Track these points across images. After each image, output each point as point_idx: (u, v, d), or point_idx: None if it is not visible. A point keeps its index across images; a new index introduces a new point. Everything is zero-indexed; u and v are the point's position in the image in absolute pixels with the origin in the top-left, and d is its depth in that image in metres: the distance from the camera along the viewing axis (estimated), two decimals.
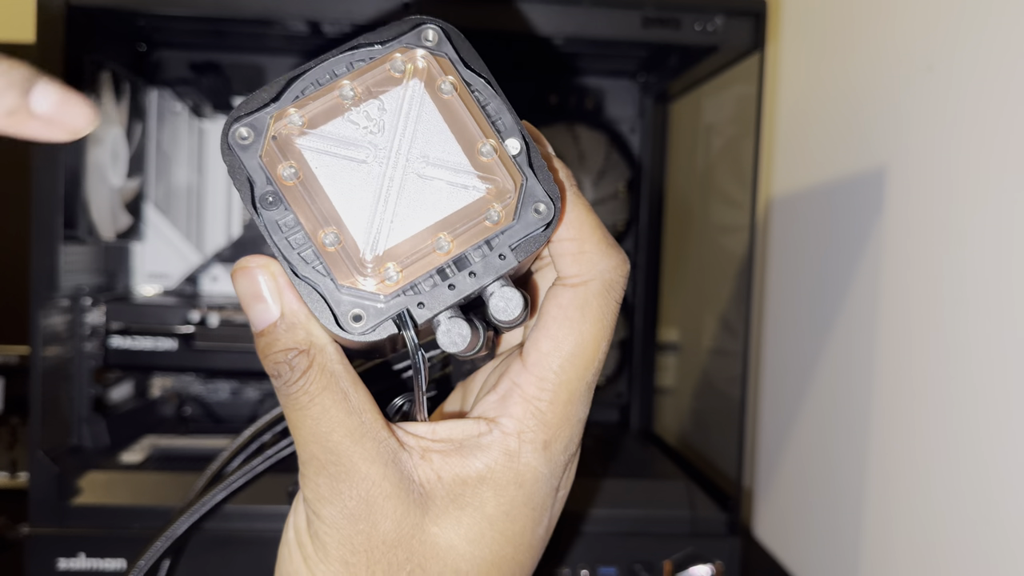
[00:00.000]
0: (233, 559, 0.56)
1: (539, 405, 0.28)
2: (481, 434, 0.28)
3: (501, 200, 0.26)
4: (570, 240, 0.28)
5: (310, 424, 0.26)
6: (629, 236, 0.82)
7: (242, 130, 0.26)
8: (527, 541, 0.29)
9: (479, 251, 0.26)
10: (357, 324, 0.26)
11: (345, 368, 0.27)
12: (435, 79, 0.26)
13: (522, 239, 0.26)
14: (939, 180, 0.54)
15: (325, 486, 0.27)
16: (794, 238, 0.76)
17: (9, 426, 0.80)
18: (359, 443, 0.26)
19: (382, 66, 0.26)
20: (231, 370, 0.69)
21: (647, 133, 0.81)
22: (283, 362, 0.26)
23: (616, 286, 0.28)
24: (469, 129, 0.26)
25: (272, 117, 0.26)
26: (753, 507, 0.82)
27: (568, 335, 0.28)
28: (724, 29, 0.61)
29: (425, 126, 0.26)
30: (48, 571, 0.56)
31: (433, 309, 0.26)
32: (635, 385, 0.82)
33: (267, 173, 0.26)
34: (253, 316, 0.27)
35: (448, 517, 0.27)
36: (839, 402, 0.66)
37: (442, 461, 0.27)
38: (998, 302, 0.48)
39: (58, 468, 0.57)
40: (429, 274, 0.26)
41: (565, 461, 0.29)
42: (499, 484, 0.28)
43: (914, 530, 0.55)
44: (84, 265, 0.67)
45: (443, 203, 0.26)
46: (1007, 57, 0.48)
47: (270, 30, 0.67)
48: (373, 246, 0.26)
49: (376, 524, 0.27)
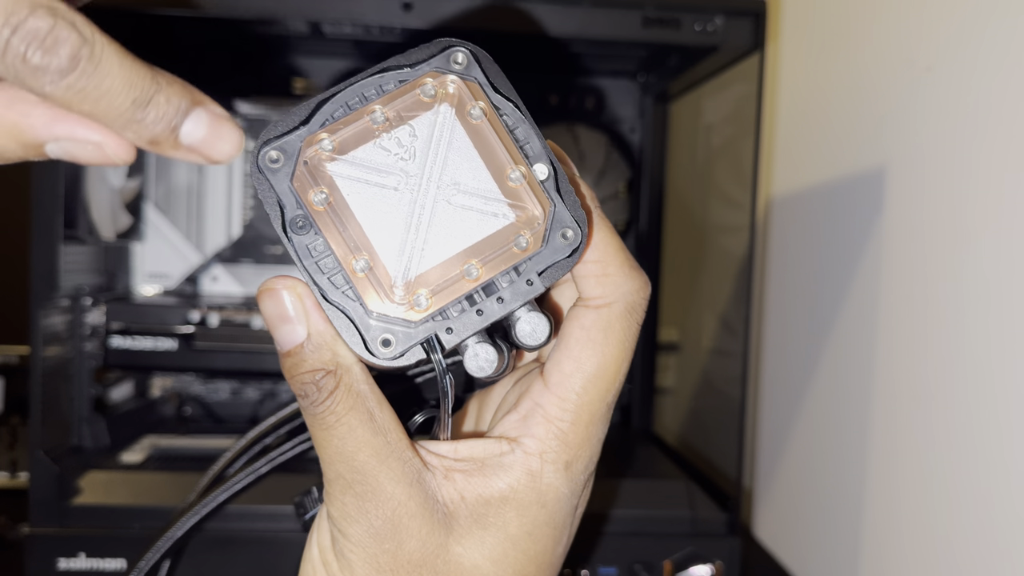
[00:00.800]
0: (233, 559, 0.56)
1: (561, 426, 0.28)
2: (503, 454, 0.28)
3: (530, 227, 0.27)
4: (594, 262, 0.28)
5: (336, 444, 0.27)
6: (629, 236, 0.82)
7: (272, 153, 0.26)
8: (548, 560, 0.29)
9: (507, 277, 0.27)
10: (386, 349, 0.26)
11: (371, 388, 0.27)
12: (465, 104, 0.27)
13: (550, 265, 0.27)
14: (939, 180, 0.54)
15: (352, 505, 0.27)
16: (794, 238, 0.76)
17: (9, 426, 0.80)
18: (385, 463, 0.27)
19: (412, 91, 0.26)
20: (231, 370, 0.69)
21: (647, 133, 0.81)
22: (310, 383, 0.26)
23: (638, 308, 0.29)
24: (498, 155, 0.26)
25: (303, 141, 0.26)
26: (753, 507, 0.82)
27: (591, 357, 0.28)
28: (724, 29, 0.61)
29: (455, 152, 0.26)
30: (48, 571, 0.56)
31: (461, 335, 0.26)
32: (635, 385, 0.82)
33: (297, 198, 0.26)
34: (279, 337, 0.27)
35: (472, 537, 0.27)
36: (839, 402, 0.66)
37: (465, 481, 0.28)
38: (998, 302, 0.48)
39: (58, 468, 0.57)
40: (458, 300, 0.26)
41: (584, 480, 0.30)
42: (522, 504, 0.28)
43: (914, 530, 0.55)
44: (84, 265, 0.67)
45: (473, 230, 0.26)
46: (1007, 57, 0.48)
47: (270, 30, 0.67)
48: (404, 273, 0.26)
49: (402, 543, 0.27)
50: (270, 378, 0.79)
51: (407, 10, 0.59)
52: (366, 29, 0.63)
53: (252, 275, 0.79)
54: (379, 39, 0.68)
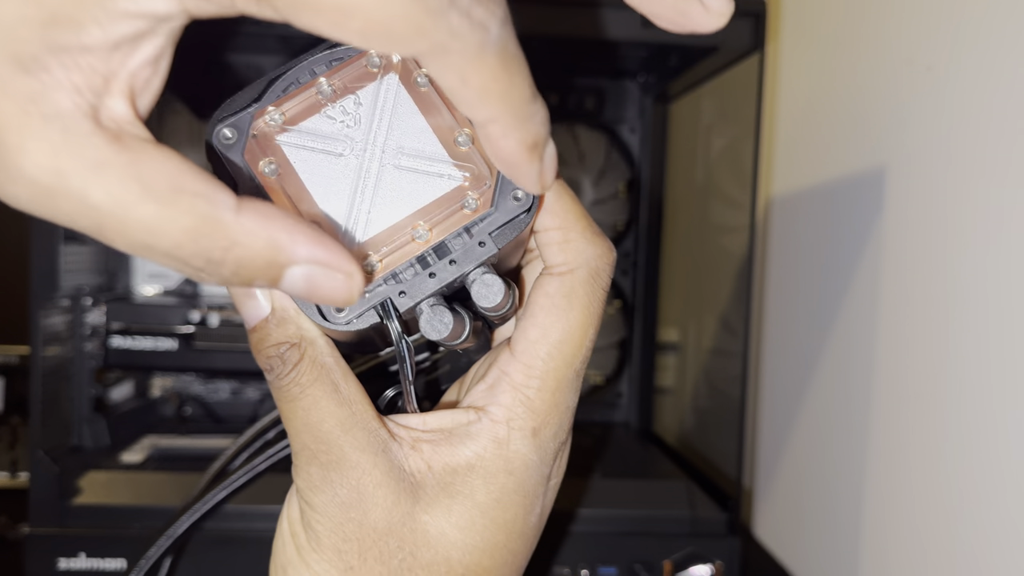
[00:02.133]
0: (233, 559, 0.56)
1: (527, 392, 0.28)
2: (470, 423, 0.28)
3: (478, 188, 0.26)
4: (555, 229, 0.28)
5: (301, 415, 0.27)
6: (629, 236, 0.83)
7: (225, 131, 0.26)
8: (519, 529, 0.29)
9: (459, 239, 0.27)
10: (340, 314, 0.26)
11: (336, 361, 0.27)
12: (411, 72, 0.26)
13: (502, 226, 0.27)
14: (939, 180, 0.54)
15: (317, 475, 0.27)
16: (794, 238, 0.76)
17: (9, 426, 0.80)
18: (349, 432, 0.27)
19: (358, 62, 0.26)
20: (231, 370, 0.69)
21: (647, 133, 0.81)
22: (275, 356, 0.27)
23: (602, 274, 0.29)
24: (446, 120, 0.26)
25: (253, 116, 0.26)
26: (753, 507, 0.82)
27: (555, 323, 0.28)
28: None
29: (401, 118, 0.26)
30: (48, 571, 0.56)
31: (415, 297, 0.26)
32: (635, 385, 0.82)
33: (250, 171, 0.26)
34: (245, 313, 0.27)
35: (439, 505, 0.27)
36: (839, 402, 0.66)
37: (432, 451, 0.28)
38: (998, 302, 0.48)
39: (58, 468, 0.57)
40: (410, 263, 0.26)
41: (555, 448, 0.29)
42: (489, 472, 0.28)
43: (913, 530, 0.55)
44: (84, 265, 0.67)
45: (421, 193, 0.26)
46: (1006, 57, 0.48)
47: (270, 30, 0.67)
48: (351, 236, 0.26)
49: (367, 512, 0.27)
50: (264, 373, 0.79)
51: None
52: None
53: None
54: None
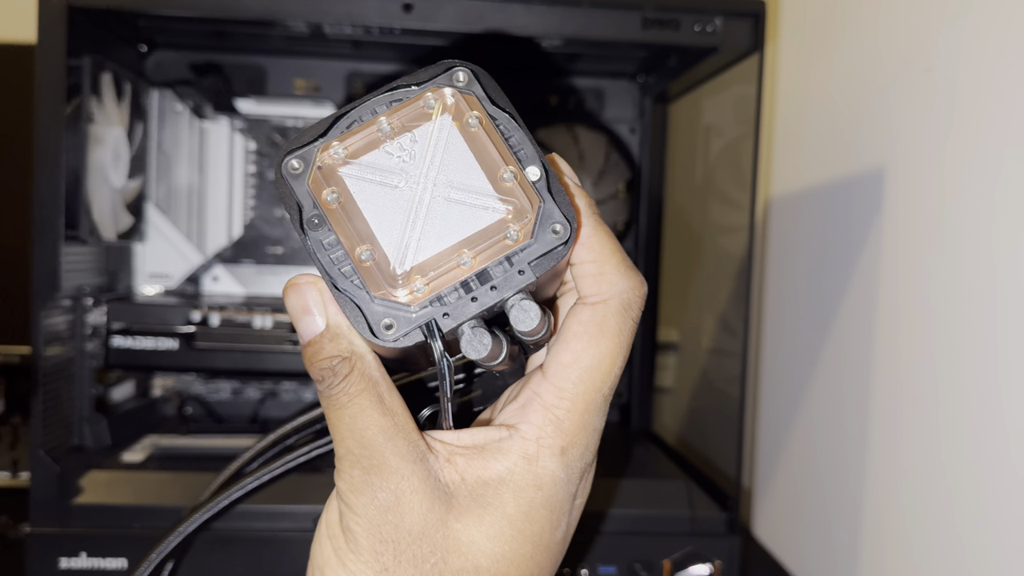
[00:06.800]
0: (233, 559, 0.56)
1: (557, 413, 0.30)
2: (502, 439, 0.30)
3: (520, 221, 0.29)
4: (591, 262, 0.30)
5: (348, 421, 0.29)
6: (629, 236, 0.83)
7: (293, 162, 0.29)
8: (545, 542, 0.30)
9: (500, 267, 0.29)
10: (389, 332, 0.28)
11: (382, 375, 0.30)
12: (463, 114, 0.29)
13: (540, 257, 0.29)
14: (938, 180, 0.54)
15: (358, 478, 0.29)
16: (793, 238, 0.76)
17: (11, 426, 0.80)
18: (391, 440, 0.29)
19: (416, 103, 0.29)
20: (232, 370, 0.69)
21: (647, 134, 0.81)
22: (327, 368, 0.29)
23: (634, 306, 0.31)
24: (492, 158, 0.29)
25: (319, 150, 0.29)
26: (752, 506, 0.82)
27: (587, 348, 0.30)
28: (723, 30, 0.61)
29: (452, 156, 0.29)
30: (49, 570, 0.56)
31: (457, 319, 0.29)
32: (635, 385, 0.83)
33: (313, 199, 0.29)
34: (301, 328, 0.30)
35: (470, 515, 0.29)
36: (838, 402, 0.66)
37: (466, 464, 0.30)
38: (996, 302, 0.48)
39: (59, 467, 0.57)
40: (454, 287, 0.29)
41: (582, 468, 0.31)
42: (519, 486, 0.29)
43: (912, 529, 0.55)
44: (86, 265, 0.67)
45: (467, 223, 0.29)
46: (1005, 58, 0.48)
47: (271, 31, 0.67)
48: (402, 261, 0.29)
49: (404, 516, 0.29)
50: (271, 378, 0.79)
51: (407, 11, 0.59)
52: (367, 30, 0.64)
53: (253, 275, 0.79)
54: (380, 39, 0.69)
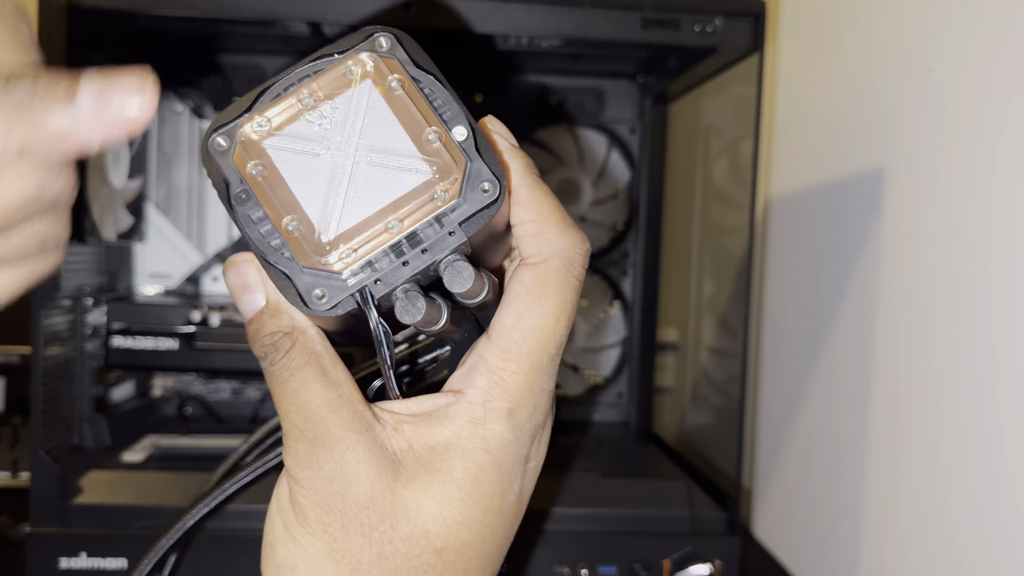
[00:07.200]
0: (233, 559, 0.56)
1: (503, 375, 0.30)
2: (448, 404, 0.30)
3: (447, 180, 0.28)
4: (530, 222, 0.30)
5: (290, 396, 0.29)
6: (629, 236, 0.83)
7: (219, 140, 0.29)
8: (496, 505, 0.30)
9: (430, 229, 0.28)
10: (321, 301, 0.28)
11: (325, 348, 0.29)
12: (384, 77, 0.29)
13: (471, 216, 0.28)
14: (938, 181, 0.54)
15: (303, 451, 0.29)
16: (793, 238, 0.76)
17: (11, 426, 0.80)
18: (335, 412, 0.28)
19: (337, 70, 0.29)
20: (232, 370, 0.69)
21: (647, 134, 0.81)
22: (269, 344, 0.29)
23: (575, 263, 0.30)
24: (416, 120, 0.29)
25: (242, 124, 0.29)
26: (752, 506, 0.82)
27: (529, 309, 0.30)
28: (723, 30, 0.61)
29: (375, 120, 0.29)
30: (49, 570, 0.56)
31: (390, 284, 0.28)
32: (634, 385, 0.83)
33: (239, 173, 0.28)
34: (242, 306, 0.30)
35: (418, 481, 0.29)
36: (838, 402, 0.66)
37: (413, 431, 0.29)
38: (996, 302, 0.48)
39: (59, 467, 0.57)
40: (384, 252, 0.28)
41: (532, 430, 0.31)
42: (466, 450, 0.29)
43: (912, 529, 0.55)
44: (86, 265, 0.67)
45: (393, 187, 0.28)
46: (1006, 58, 0.48)
47: (271, 31, 0.67)
48: (327, 228, 0.28)
49: (350, 486, 0.28)
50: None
51: (407, 10, 0.59)
52: None
53: None
54: None
